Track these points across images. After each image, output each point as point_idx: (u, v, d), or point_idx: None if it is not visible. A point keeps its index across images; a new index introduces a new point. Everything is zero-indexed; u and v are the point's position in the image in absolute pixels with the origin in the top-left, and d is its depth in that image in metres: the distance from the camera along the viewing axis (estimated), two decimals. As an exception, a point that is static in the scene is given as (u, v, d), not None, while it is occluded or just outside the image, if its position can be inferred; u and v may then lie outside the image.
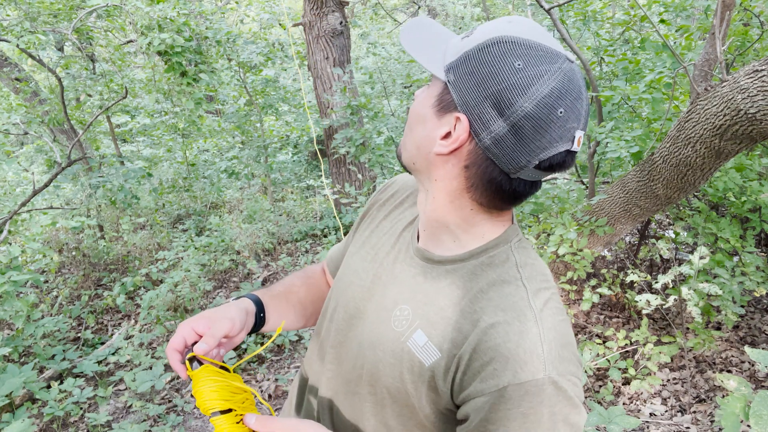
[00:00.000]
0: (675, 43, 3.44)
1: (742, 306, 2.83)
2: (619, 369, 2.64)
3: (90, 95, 5.30)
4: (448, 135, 0.70)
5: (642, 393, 2.70)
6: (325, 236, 5.08)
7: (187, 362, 0.78)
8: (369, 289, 0.84)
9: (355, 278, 0.87)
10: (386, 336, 0.77)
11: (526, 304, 0.68)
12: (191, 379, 0.77)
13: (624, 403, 2.66)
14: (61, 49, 6.66)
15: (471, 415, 0.66)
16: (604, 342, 2.93)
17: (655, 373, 2.69)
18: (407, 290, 0.78)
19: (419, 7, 9.55)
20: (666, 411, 2.59)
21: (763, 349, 2.95)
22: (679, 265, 2.78)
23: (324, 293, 1.08)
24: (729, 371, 2.81)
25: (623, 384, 2.74)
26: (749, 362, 2.84)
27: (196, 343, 0.79)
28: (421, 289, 0.77)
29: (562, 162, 0.68)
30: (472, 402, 0.66)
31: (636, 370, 2.70)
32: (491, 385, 0.64)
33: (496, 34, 0.66)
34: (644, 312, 2.60)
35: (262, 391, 2.98)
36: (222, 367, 0.79)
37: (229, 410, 0.74)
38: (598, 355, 2.69)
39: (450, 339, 0.70)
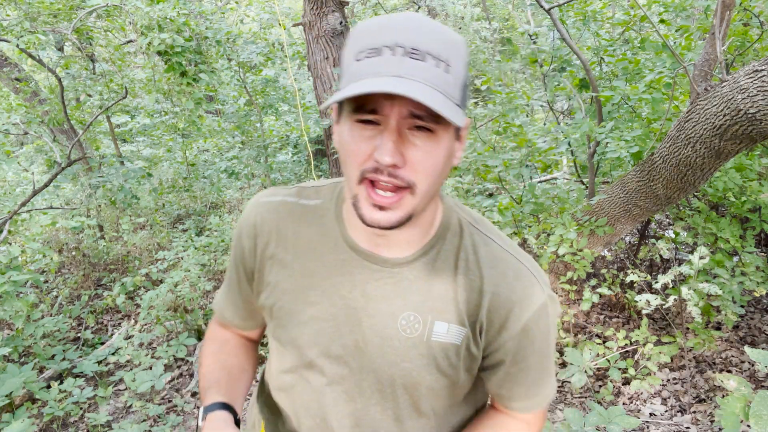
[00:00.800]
0: (675, 43, 3.44)
1: (742, 306, 2.83)
2: (619, 369, 2.64)
3: (90, 95, 5.29)
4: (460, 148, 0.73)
5: (642, 393, 2.70)
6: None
7: None
8: (351, 324, 0.80)
9: (322, 325, 0.81)
10: (404, 347, 0.78)
11: (503, 252, 0.79)
12: None
13: (624, 403, 2.66)
14: (61, 49, 6.66)
15: (504, 358, 0.80)
16: (604, 342, 2.93)
17: (655, 373, 2.69)
18: (399, 300, 0.78)
19: (419, 7, 9.55)
20: (666, 411, 2.59)
21: (763, 349, 2.95)
22: (679, 265, 2.78)
23: (244, 344, 1.01)
24: (729, 371, 2.81)
25: (623, 384, 2.74)
26: (749, 362, 2.84)
27: None
28: (412, 291, 0.78)
29: None
30: (503, 348, 0.79)
31: (636, 370, 2.70)
32: (515, 328, 0.78)
33: (456, 39, 0.67)
34: (644, 312, 2.60)
35: None
36: None
37: None
38: (598, 355, 2.68)
39: (466, 312, 0.78)
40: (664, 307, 2.70)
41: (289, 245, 0.82)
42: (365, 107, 0.64)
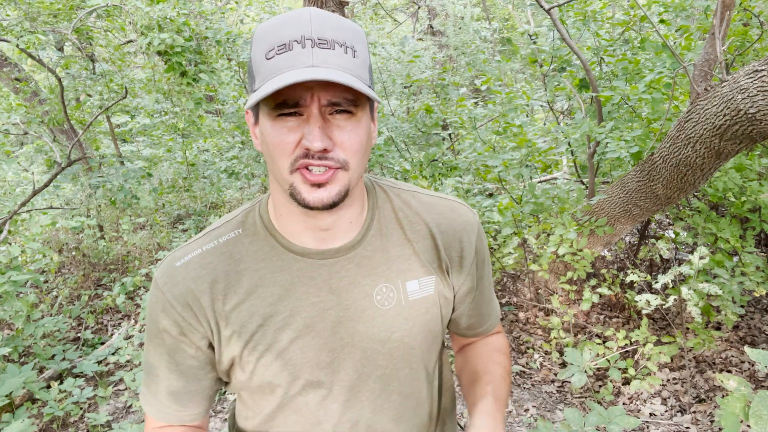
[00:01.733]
0: (675, 43, 3.44)
1: (742, 306, 2.82)
2: (619, 369, 2.64)
3: (90, 95, 5.29)
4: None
5: (642, 393, 2.70)
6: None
7: None
8: (332, 325, 0.79)
9: (304, 340, 0.79)
10: (389, 320, 0.81)
11: (429, 197, 0.87)
12: None
13: (624, 403, 2.66)
14: (61, 49, 6.66)
15: (473, 284, 0.89)
16: (604, 342, 2.93)
17: (655, 373, 2.69)
18: (366, 279, 0.80)
19: (419, 7, 9.55)
20: (666, 411, 2.59)
21: (763, 349, 2.95)
22: (679, 265, 2.78)
23: None
24: (729, 371, 2.81)
25: (623, 384, 2.74)
26: (749, 362, 2.84)
27: None
28: (374, 265, 0.81)
29: None
30: (471, 275, 0.88)
31: (636, 370, 2.70)
32: (471, 252, 0.86)
33: (355, 27, 0.71)
34: (644, 312, 2.59)
35: None
36: None
37: None
38: (598, 355, 2.69)
39: (428, 261, 0.83)
40: (664, 307, 2.70)
41: (236, 287, 0.78)
42: (287, 102, 0.66)
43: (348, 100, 0.67)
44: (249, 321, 0.77)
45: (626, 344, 2.81)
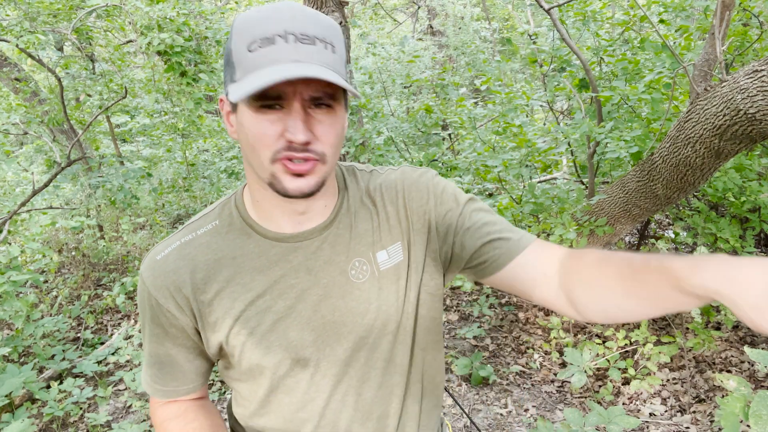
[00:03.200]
0: (674, 43, 3.44)
1: (742, 306, 2.82)
2: (619, 369, 2.64)
3: (90, 95, 5.29)
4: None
5: (642, 393, 2.70)
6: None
7: None
8: (312, 304, 0.82)
9: (286, 322, 0.82)
10: (366, 292, 0.84)
11: (387, 170, 0.91)
12: None
13: (624, 403, 2.66)
14: (60, 49, 6.66)
15: (452, 221, 0.86)
16: (604, 342, 2.93)
17: (654, 373, 2.69)
18: (340, 256, 0.84)
19: (419, 7, 9.55)
20: (666, 411, 2.59)
21: (762, 349, 2.95)
22: (679, 265, 2.78)
23: (202, 404, 0.96)
24: (729, 371, 2.81)
25: (623, 384, 2.75)
26: (749, 362, 2.84)
27: None
28: (346, 241, 0.84)
29: None
30: (442, 214, 0.86)
31: (636, 370, 2.70)
32: (426, 193, 0.87)
33: (333, 23, 0.73)
34: (644, 312, 2.59)
35: None
36: None
37: None
38: (597, 355, 2.69)
39: (396, 228, 0.86)
40: (663, 307, 2.69)
41: (216, 275, 0.81)
42: (269, 94, 0.68)
43: (328, 95, 0.70)
44: (231, 307, 0.81)
45: (626, 344, 2.81)
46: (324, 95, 0.70)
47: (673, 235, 3.23)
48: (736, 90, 2.08)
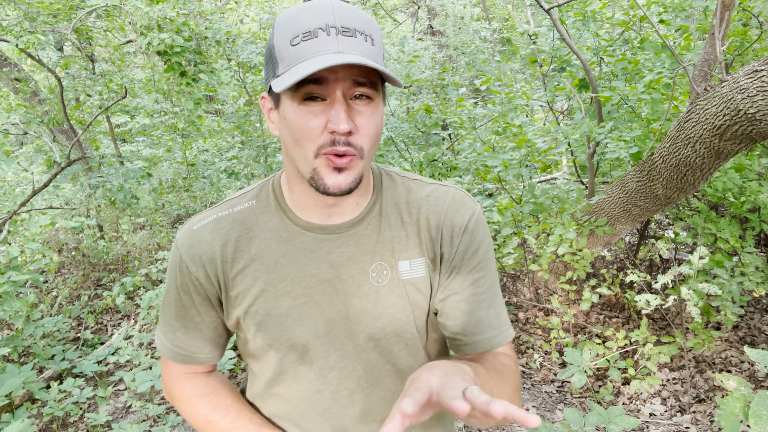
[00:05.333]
0: (674, 43, 3.44)
1: (742, 306, 2.83)
2: (619, 369, 2.64)
3: (89, 95, 5.29)
4: None
5: (642, 393, 2.70)
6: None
7: None
8: (329, 296, 0.84)
9: (302, 309, 0.84)
10: (382, 296, 0.84)
11: (433, 186, 0.89)
12: None
13: (624, 403, 2.66)
14: (60, 49, 6.66)
15: (459, 263, 0.86)
16: (604, 342, 2.93)
17: (654, 373, 2.69)
18: (364, 256, 0.84)
19: (419, 7, 9.55)
20: (666, 411, 2.59)
21: (762, 349, 2.95)
22: (679, 265, 2.78)
23: (219, 377, 0.99)
24: (728, 371, 2.81)
25: (623, 384, 2.75)
26: (749, 362, 2.84)
27: None
28: (372, 243, 0.85)
29: None
30: (458, 252, 0.85)
31: (636, 370, 2.70)
32: (460, 230, 0.86)
33: (370, 18, 0.75)
34: (644, 312, 2.60)
35: None
36: None
37: None
38: (597, 355, 2.69)
39: (420, 244, 0.85)
40: (663, 307, 2.70)
41: (244, 252, 0.84)
42: (313, 91, 0.70)
43: (370, 83, 0.71)
44: (252, 285, 0.84)
45: (626, 344, 2.81)
46: (368, 83, 0.71)
47: (673, 235, 3.23)
48: (736, 90, 2.08)
